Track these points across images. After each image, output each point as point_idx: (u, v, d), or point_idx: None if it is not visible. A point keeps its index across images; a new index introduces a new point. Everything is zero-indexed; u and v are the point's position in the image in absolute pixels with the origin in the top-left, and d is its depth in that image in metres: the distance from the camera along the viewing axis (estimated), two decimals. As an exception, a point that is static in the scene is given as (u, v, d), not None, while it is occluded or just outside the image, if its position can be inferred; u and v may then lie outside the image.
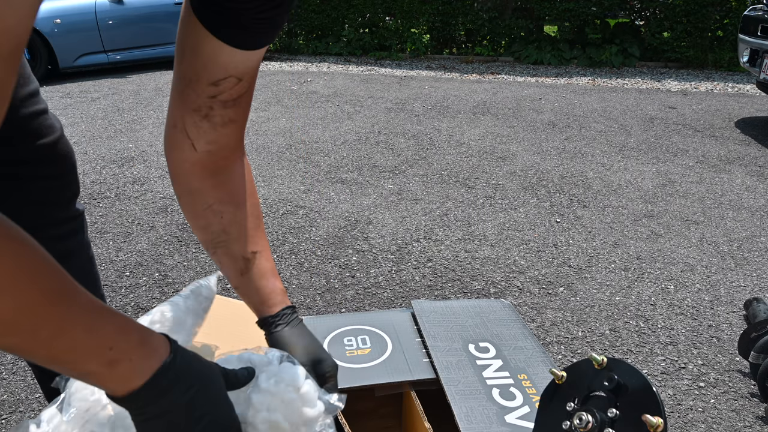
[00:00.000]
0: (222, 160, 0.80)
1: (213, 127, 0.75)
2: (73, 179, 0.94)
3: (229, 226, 0.82)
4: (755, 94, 5.21)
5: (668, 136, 3.81)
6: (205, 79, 0.71)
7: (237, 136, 0.80)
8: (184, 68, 0.72)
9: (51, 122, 0.88)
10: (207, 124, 0.75)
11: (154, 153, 3.46)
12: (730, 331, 1.72)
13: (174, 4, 6.68)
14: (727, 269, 2.09)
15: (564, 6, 6.95)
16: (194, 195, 0.80)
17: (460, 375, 0.94)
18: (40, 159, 0.87)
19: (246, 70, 0.72)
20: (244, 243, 0.83)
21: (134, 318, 0.63)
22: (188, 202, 0.82)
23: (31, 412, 1.39)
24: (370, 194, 2.80)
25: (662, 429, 0.58)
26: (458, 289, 1.95)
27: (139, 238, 2.32)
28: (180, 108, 0.74)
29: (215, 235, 0.82)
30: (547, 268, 2.10)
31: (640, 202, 2.70)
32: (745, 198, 2.76)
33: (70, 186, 0.94)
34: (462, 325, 1.10)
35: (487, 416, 0.85)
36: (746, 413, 1.39)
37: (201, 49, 0.69)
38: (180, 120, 0.75)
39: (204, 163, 0.79)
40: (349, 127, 4.04)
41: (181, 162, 0.79)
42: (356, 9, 7.82)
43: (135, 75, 6.26)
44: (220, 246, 0.83)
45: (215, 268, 2.09)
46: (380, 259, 2.16)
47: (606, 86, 5.66)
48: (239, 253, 0.83)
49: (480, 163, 3.27)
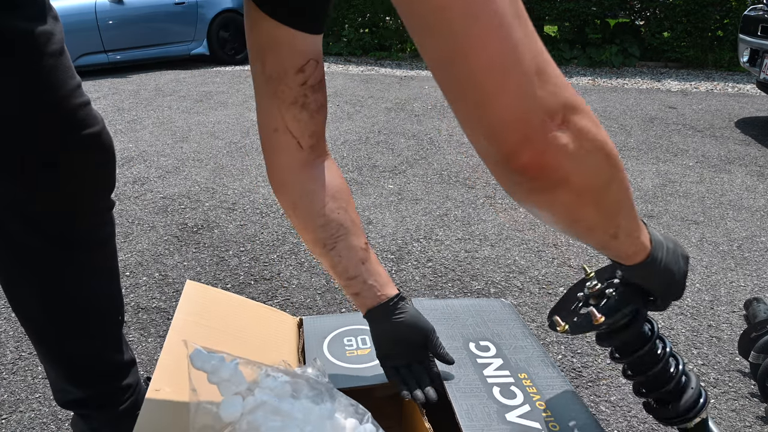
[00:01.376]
0: (322, 155, 0.86)
1: (311, 116, 0.80)
2: (113, 169, 0.97)
3: (344, 219, 0.88)
4: (755, 94, 5.21)
5: (668, 136, 3.81)
6: (292, 69, 0.76)
7: (324, 125, 0.84)
8: (270, 68, 0.76)
9: (95, 114, 0.91)
10: (306, 114, 0.79)
11: (154, 153, 3.46)
12: (730, 331, 1.72)
13: (174, 4, 6.68)
14: (727, 269, 2.09)
15: (564, 6, 6.95)
16: (311, 196, 0.86)
17: (460, 373, 0.94)
18: (87, 147, 0.90)
19: (318, 53, 0.78)
20: (359, 234, 0.89)
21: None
22: (305, 205, 0.86)
23: (31, 412, 1.39)
24: (370, 194, 2.80)
25: None
26: (458, 289, 1.95)
27: (139, 238, 2.33)
28: (278, 108, 0.79)
29: (334, 230, 0.87)
30: (547, 268, 2.10)
31: (640, 202, 2.70)
32: (745, 198, 2.76)
33: (111, 175, 0.98)
34: (462, 323, 1.10)
35: (488, 414, 0.85)
36: (746, 413, 1.40)
37: (280, 43, 0.74)
38: (281, 120, 0.80)
39: (311, 162, 0.84)
40: (349, 127, 4.04)
41: (290, 167, 0.84)
42: (356, 9, 7.82)
43: (135, 75, 6.27)
44: (340, 240, 0.87)
45: (215, 268, 2.09)
46: (380, 259, 2.15)
47: (606, 86, 5.66)
48: (358, 243, 0.89)
49: (480, 163, 3.27)
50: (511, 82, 0.48)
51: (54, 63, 0.83)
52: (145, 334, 1.70)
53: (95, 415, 1.09)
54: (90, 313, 1.02)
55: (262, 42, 0.75)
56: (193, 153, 3.46)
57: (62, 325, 0.99)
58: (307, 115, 0.79)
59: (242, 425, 0.67)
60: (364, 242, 0.89)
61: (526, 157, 0.50)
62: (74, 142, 0.88)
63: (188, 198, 2.75)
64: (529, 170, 0.51)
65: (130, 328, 1.74)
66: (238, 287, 1.96)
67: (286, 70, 0.76)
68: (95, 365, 1.05)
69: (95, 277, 1.01)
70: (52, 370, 1.06)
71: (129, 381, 1.11)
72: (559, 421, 0.85)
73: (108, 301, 1.05)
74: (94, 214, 0.97)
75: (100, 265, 1.03)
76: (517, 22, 0.49)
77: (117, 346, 1.09)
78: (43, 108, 0.83)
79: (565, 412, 0.87)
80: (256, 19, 0.74)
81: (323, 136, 0.85)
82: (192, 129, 4.01)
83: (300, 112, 0.79)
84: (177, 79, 6.05)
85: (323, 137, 0.85)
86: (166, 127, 4.05)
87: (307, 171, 0.84)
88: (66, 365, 1.03)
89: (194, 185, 2.92)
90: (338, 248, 0.87)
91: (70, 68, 0.87)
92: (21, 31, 0.78)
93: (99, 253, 1.01)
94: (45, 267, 0.94)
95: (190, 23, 6.85)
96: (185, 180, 2.99)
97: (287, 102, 0.78)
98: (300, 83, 0.77)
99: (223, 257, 2.17)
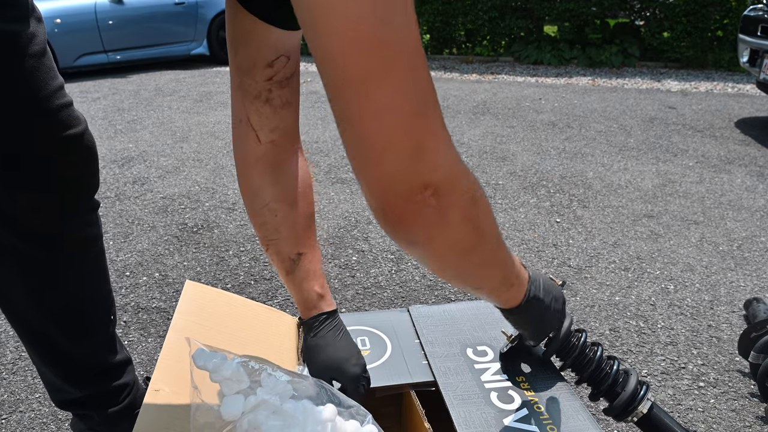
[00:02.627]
0: (283, 153, 0.84)
1: (274, 111, 0.79)
2: (96, 170, 0.98)
3: (281, 225, 0.86)
4: (755, 94, 5.21)
5: (668, 136, 3.81)
6: (260, 62, 0.76)
7: (294, 122, 0.83)
8: (240, 60, 0.77)
9: (77, 114, 0.92)
10: (268, 109, 0.79)
11: (154, 153, 3.46)
12: (730, 331, 1.72)
13: (174, 5, 6.68)
14: (727, 269, 2.09)
15: (564, 6, 6.95)
16: (255, 193, 0.85)
17: (458, 380, 0.94)
18: (69, 148, 0.90)
19: (292, 49, 0.77)
20: (292, 243, 0.88)
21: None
22: (250, 200, 0.86)
23: (31, 412, 1.39)
24: (370, 194, 2.80)
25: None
26: (458, 289, 1.95)
27: (139, 238, 2.33)
28: (242, 100, 0.79)
29: (269, 233, 0.87)
30: (547, 268, 2.10)
31: (640, 202, 2.70)
32: (745, 198, 2.76)
33: (95, 176, 0.98)
34: (460, 329, 1.10)
35: (486, 420, 0.85)
36: (746, 413, 1.40)
37: (252, 36, 0.75)
38: (244, 112, 0.80)
39: (267, 158, 0.82)
40: (349, 127, 4.03)
41: (246, 159, 0.83)
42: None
43: (135, 75, 6.27)
44: (272, 244, 0.88)
45: (215, 268, 2.09)
46: (380, 259, 2.16)
47: (606, 86, 5.66)
48: (286, 253, 0.88)
49: (480, 163, 3.27)
50: (387, 156, 0.49)
51: (35, 64, 0.83)
52: (145, 334, 1.70)
53: (92, 414, 1.09)
54: (80, 313, 1.02)
55: (237, 33, 0.75)
56: (193, 153, 3.46)
57: (52, 325, 0.99)
58: (269, 110, 0.79)
59: (243, 424, 0.67)
60: (297, 252, 0.88)
61: (391, 217, 0.52)
62: (55, 142, 0.88)
63: (188, 198, 2.75)
64: (394, 227, 0.53)
65: (130, 328, 1.74)
66: (238, 287, 1.96)
67: (255, 62, 0.76)
68: (88, 365, 1.05)
69: (84, 277, 1.01)
70: (45, 371, 1.06)
71: (125, 380, 1.11)
72: (558, 424, 0.85)
73: (98, 301, 1.06)
74: (77, 215, 0.97)
75: (88, 266, 1.03)
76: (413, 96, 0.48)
77: (110, 345, 1.09)
78: (23, 109, 0.84)
79: (563, 416, 0.87)
80: (233, 10, 0.74)
81: (291, 135, 0.84)
82: (192, 129, 4.01)
83: (262, 106, 0.78)
84: (177, 79, 6.05)
85: (291, 135, 0.84)
86: (166, 127, 4.05)
87: (260, 166, 0.83)
88: (59, 366, 1.04)
89: (194, 185, 2.92)
90: (270, 252, 0.88)
91: (52, 69, 0.87)
92: (2, 32, 0.78)
93: (85, 253, 1.01)
94: (30, 269, 0.94)
95: (189, 23, 6.85)
96: (185, 180, 2.99)
97: (251, 95, 0.78)
98: (266, 78, 0.77)
99: (223, 257, 2.17)
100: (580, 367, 0.92)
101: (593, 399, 0.93)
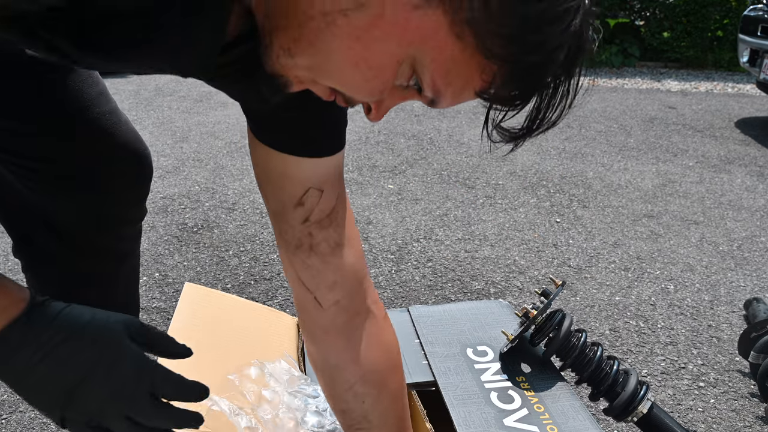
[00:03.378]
0: (355, 317, 0.67)
1: (323, 261, 0.64)
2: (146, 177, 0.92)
3: (370, 413, 0.70)
4: (755, 94, 5.21)
5: (668, 136, 3.81)
6: (289, 202, 0.62)
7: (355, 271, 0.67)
8: (271, 204, 0.65)
9: (125, 119, 0.88)
10: (316, 260, 0.64)
11: (154, 153, 3.46)
12: (730, 331, 1.72)
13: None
14: (727, 269, 2.09)
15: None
16: (333, 373, 0.69)
17: (458, 380, 0.94)
18: (113, 157, 0.86)
19: (323, 179, 0.64)
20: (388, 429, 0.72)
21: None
22: (327, 381, 0.71)
23: (31, 412, 1.39)
24: (370, 194, 2.80)
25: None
26: (458, 289, 1.95)
27: (139, 239, 2.33)
28: (286, 255, 0.65)
29: (355, 421, 0.71)
30: (547, 268, 2.10)
31: (640, 202, 2.71)
32: (745, 198, 2.76)
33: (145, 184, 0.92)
34: (460, 329, 1.10)
35: (486, 420, 0.85)
36: (746, 413, 1.40)
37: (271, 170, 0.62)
38: (293, 271, 0.66)
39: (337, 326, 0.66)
40: (349, 127, 4.01)
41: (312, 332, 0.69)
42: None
43: (135, 75, 6.26)
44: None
45: (215, 268, 2.09)
46: (380, 259, 2.16)
47: (606, 86, 5.66)
48: None
49: (480, 163, 3.27)
50: None
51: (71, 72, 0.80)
52: (145, 335, 1.70)
53: None
54: None
55: (259, 170, 0.64)
56: (193, 153, 3.46)
57: None
58: (318, 261, 0.63)
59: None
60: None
61: None
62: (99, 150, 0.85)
63: (188, 198, 2.75)
64: None
65: (130, 328, 1.74)
66: (238, 287, 1.96)
67: (284, 204, 0.62)
68: None
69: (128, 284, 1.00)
70: None
71: None
72: (558, 424, 0.85)
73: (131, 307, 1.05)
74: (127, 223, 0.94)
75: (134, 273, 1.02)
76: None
77: None
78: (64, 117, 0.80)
79: (563, 415, 0.87)
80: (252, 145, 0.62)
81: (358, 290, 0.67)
82: (192, 129, 4.01)
83: (308, 257, 0.63)
84: (177, 79, 6.05)
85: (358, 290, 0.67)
86: (166, 127, 4.05)
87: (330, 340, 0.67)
88: None
89: (194, 185, 2.92)
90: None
91: (91, 75, 0.84)
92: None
93: (123, 264, 0.99)
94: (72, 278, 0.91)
95: (190, 23, 6.84)
96: (185, 180, 2.99)
97: (292, 245, 0.64)
98: (301, 219, 0.62)
99: (223, 257, 2.17)
100: (580, 367, 0.92)
101: (593, 399, 0.93)
